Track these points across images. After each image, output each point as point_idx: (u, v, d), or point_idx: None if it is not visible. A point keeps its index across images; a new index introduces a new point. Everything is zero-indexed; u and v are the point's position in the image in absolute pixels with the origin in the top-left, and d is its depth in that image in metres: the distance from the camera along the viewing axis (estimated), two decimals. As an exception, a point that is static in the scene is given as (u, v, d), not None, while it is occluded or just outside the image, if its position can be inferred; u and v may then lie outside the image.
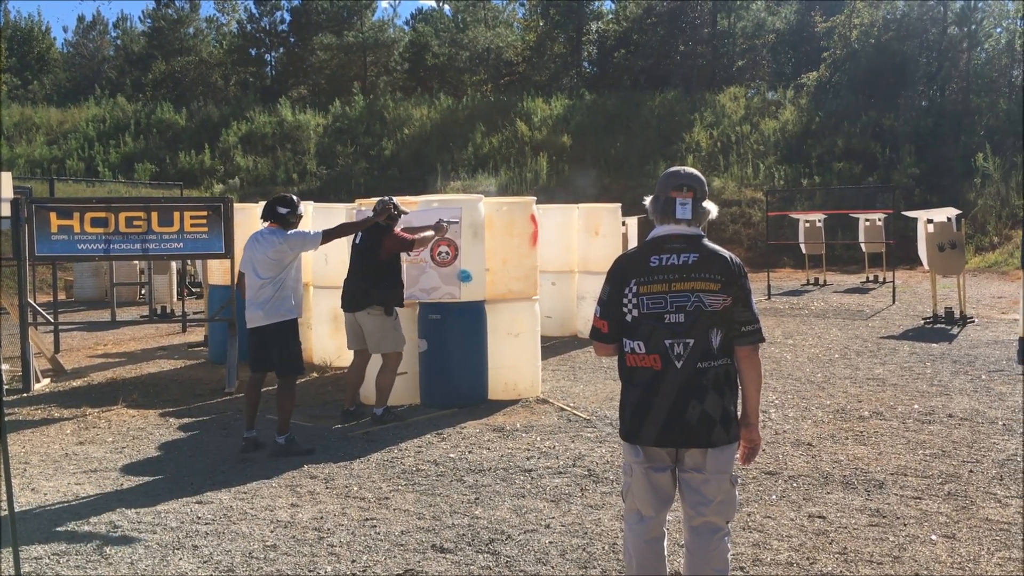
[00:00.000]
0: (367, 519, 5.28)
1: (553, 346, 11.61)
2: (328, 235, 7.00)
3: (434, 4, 50.33)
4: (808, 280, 21.16)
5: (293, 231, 6.82)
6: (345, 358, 9.12)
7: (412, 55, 43.47)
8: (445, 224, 7.81)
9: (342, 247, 8.65)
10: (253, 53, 45.53)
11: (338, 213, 10.05)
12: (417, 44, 43.36)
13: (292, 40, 44.58)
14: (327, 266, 9.92)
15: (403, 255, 7.77)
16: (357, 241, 7.69)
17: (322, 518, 5.31)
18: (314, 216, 10.38)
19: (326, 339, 10.31)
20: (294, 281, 6.82)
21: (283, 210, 6.81)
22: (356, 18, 43.06)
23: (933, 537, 4.83)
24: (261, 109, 37.00)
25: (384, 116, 36.05)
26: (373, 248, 7.46)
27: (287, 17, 45.01)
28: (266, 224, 6.90)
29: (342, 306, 7.75)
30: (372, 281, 7.47)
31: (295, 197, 7.00)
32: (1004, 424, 7.26)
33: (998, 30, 34.65)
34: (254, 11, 45.45)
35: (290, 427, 6.84)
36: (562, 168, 30.94)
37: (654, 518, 3.63)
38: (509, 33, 43.68)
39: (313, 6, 43.06)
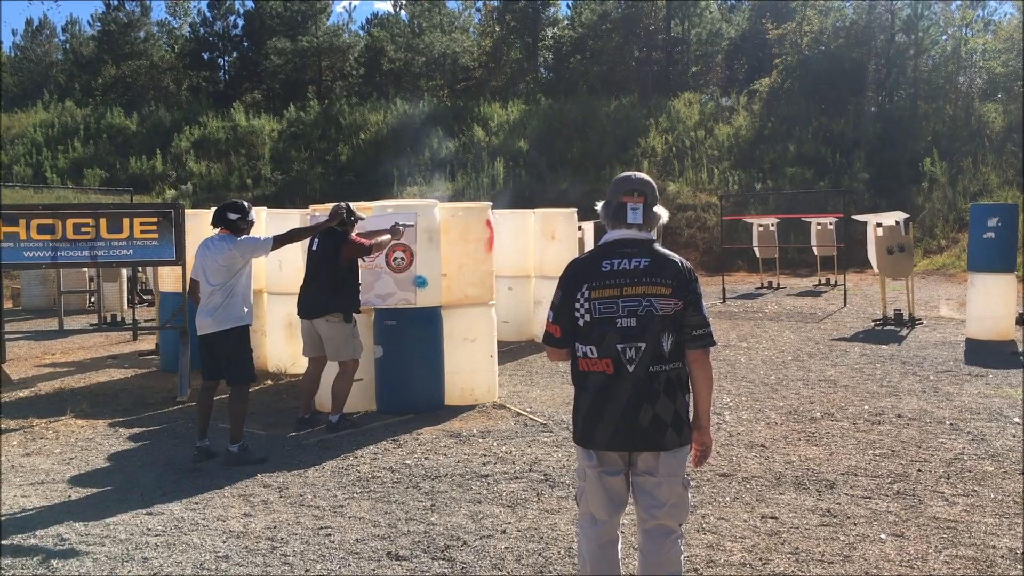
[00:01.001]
0: (322, 527, 5.23)
1: (510, 351, 11.61)
2: (279, 241, 6.94)
3: (390, 9, 50.19)
4: (762, 283, 21.41)
5: (244, 237, 6.74)
6: (300, 365, 9.04)
7: (368, 60, 43.27)
8: (401, 228, 7.77)
9: (297, 253, 8.59)
10: (206, 57, 45.07)
11: (292, 219, 9.96)
12: (373, 49, 43.17)
13: (246, 44, 44.18)
14: (281, 272, 9.83)
15: (360, 260, 7.73)
16: (314, 248, 7.63)
17: (276, 527, 5.25)
18: (268, 222, 10.28)
19: (281, 346, 10.21)
20: (245, 288, 6.74)
21: (234, 216, 6.72)
22: (311, 22, 42.78)
23: (882, 536, 4.91)
24: (214, 114, 36.61)
25: (340, 121, 35.86)
26: (332, 254, 7.41)
27: (240, 21, 44.65)
28: (217, 230, 6.82)
29: (299, 313, 7.68)
30: (331, 288, 7.41)
31: (246, 203, 6.93)
32: (951, 424, 7.41)
33: (944, 37, 35.41)
34: (207, 14, 45.00)
35: (243, 435, 6.76)
36: (519, 173, 31.01)
37: (608, 522, 3.64)
38: (465, 39, 43.71)
39: (267, 10, 42.71)
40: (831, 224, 21.11)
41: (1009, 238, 12.10)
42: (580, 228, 13.76)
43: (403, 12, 46.24)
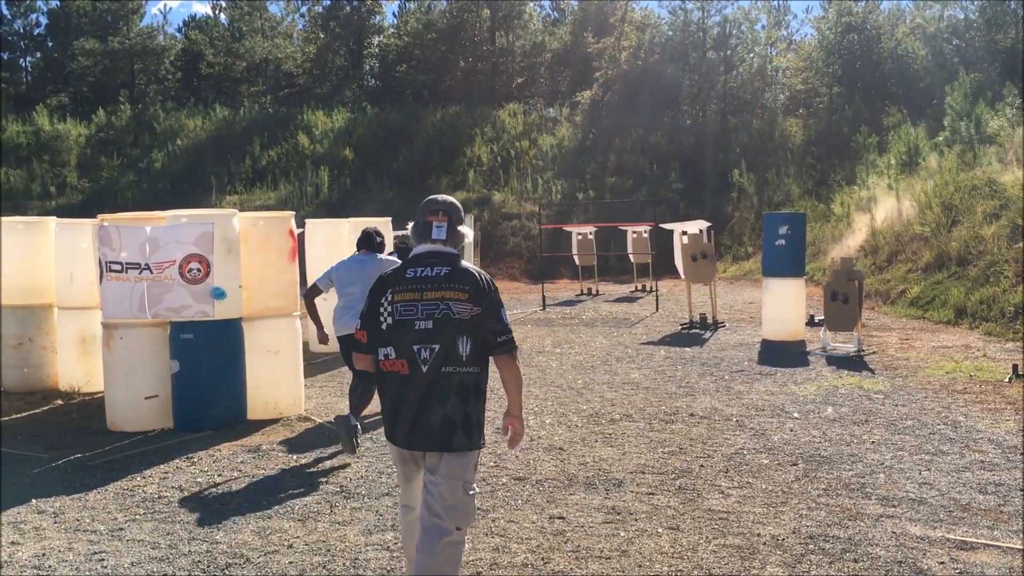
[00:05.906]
0: (95, 553, 4.96)
1: (324, 363, 11.43)
2: None
3: (208, 12, 48.43)
4: (582, 290, 21.95)
5: (383, 255, 7.72)
6: (94, 383, 8.63)
7: (185, 64, 41.57)
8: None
9: (91, 267, 8.26)
10: (6, 57, 42.07)
11: (84, 229, 9.47)
12: (190, 52, 41.50)
13: (50, 44, 41.54)
14: (73, 286, 9.34)
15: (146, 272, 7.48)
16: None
17: (44, 555, 4.95)
18: (58, 233, 9.72)
19: (72, 364, 9.64)
20: None
21: (379, 239, 7.69)
22: (122, 23, 40.74)
23: (659, 530, 5.13)
24: (15, 117, 34.30)
25: (154, 126, 34.37)
26: None
27: (43, 20, 41.96)
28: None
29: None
30: None
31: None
32: (737, 420, 7.84)
33: (751, 55, 37.61)
34: (5, 12, 42.03)
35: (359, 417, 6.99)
36: (344, 182, 30.62)
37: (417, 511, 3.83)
38: (288, 44, 42.68)
39: (73, 8, 40.32)
40: (646, 232, 21.94)
41: (798, 245, 12.93)
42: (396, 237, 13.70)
43: (222, 15, 44.64)
